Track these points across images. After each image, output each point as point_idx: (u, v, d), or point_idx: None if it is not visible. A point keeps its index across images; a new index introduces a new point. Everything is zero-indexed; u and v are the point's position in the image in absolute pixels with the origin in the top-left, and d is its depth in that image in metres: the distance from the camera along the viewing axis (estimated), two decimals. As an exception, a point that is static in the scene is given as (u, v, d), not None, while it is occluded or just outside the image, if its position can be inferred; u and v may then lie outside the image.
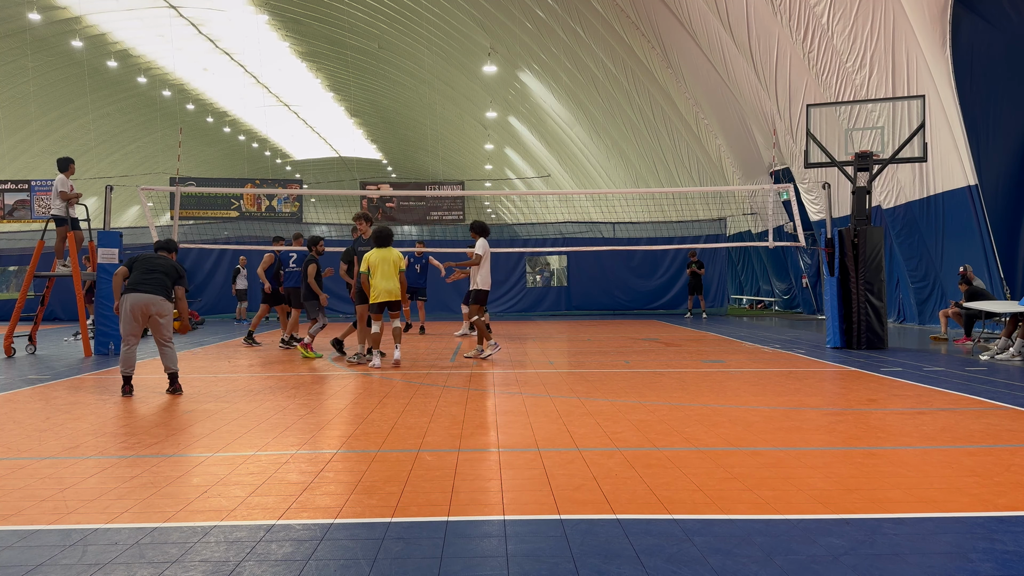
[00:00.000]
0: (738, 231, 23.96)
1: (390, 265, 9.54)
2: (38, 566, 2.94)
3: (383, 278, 9.47)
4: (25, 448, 4.98)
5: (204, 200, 29.20)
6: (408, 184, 33.51)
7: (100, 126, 47.77)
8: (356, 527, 3.37)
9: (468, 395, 7.15)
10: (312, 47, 43.11)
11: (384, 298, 9.50)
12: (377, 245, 9.72)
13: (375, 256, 9.58)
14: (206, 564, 2.95)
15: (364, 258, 9.65)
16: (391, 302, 9.58)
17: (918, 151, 11.53)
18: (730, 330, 15.53)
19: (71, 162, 11.66)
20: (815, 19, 14.97)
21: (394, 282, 9.52)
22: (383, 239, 9.72)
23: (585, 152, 34.67)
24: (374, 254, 9.59)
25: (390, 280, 9.49)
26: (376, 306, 9.58)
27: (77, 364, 10.12)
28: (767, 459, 4.54)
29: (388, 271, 9.51)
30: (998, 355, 9.73)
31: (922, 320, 16.03)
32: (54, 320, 19.92)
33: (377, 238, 9.76)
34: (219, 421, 5.88)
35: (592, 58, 25.67)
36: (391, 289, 9.49)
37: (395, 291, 9.53)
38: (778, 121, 18.10)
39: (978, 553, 3.01)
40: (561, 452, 4.76)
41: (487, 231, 10.64)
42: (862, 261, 11.26)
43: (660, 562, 2.93)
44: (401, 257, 9.69)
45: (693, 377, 8.32)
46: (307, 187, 41.10)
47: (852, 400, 6.73)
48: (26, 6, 31.82)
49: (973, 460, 4.48)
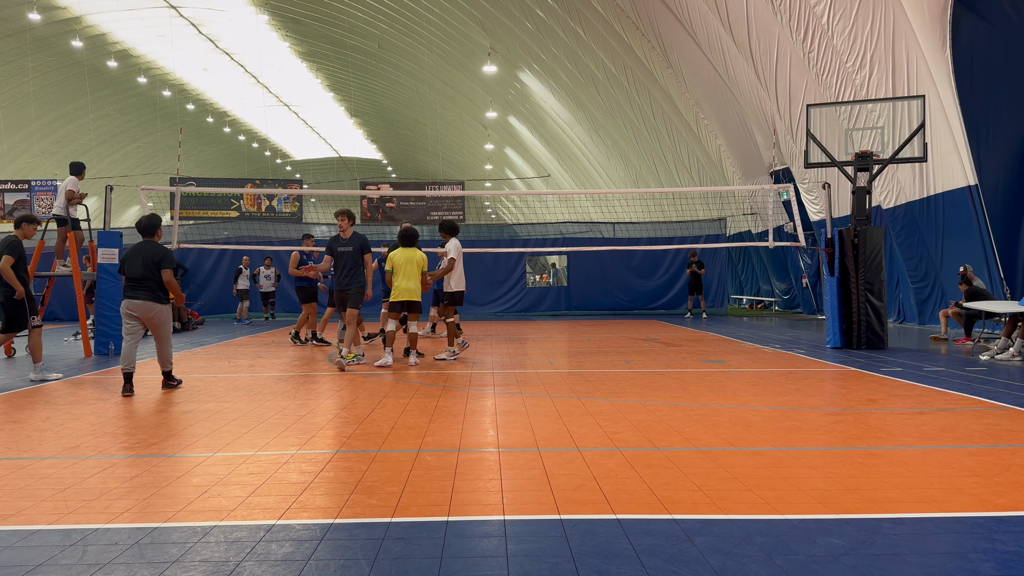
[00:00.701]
0: (738, 231, 23.96)
1: (414, 265, 9.60)
2: (38, 566, 2.94)
3: (405, 278, 9.55)
4: (25, 448, 4.98)
5: (204, 200, 29.19)
6: (408, 184, 33.49)
7: (100, 126, 47.77)
8: (356, 527, 3.37)
9: (468, 395, 7.15)
10: (312, 47, 43.11)
11: (404, 297, 9.56)
12: (402, 245, 9.75)
13: (400, 256, 9.62)
14: (206, 564, 2.95)
15: (388, 257, 9.71)
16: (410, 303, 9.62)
17: (918, 151, 11.53)
18: (730, 330, 15.53)
19: (84, 168, 11.98)
20: (815, 19, 14.98)
21: (415, 282, 9.60)
22: (409, 239, 9.75)
23: (585, 152, 34.67)
24: (399, 254, 9.64)
25: (412, 280, 9.56)
26: (395, 305, 9.62)
27: (77, 364, 10.12)
28: (767, 459, 4.54)
29: (411, 271, 9.58)
30: (998, 355, 9.73)
31: (922, 320, 16.03)
32: (54, 320, 19.93)
33: (403, 238, 9.79)
34: (219, 421, 5.88)
35: (592, 58, 25.67)
36: (412, 289, 9.55)
37: (416, 291, 9.59)
38: (778, 121, 18.10)
39: (978, 553, 3.01)
40: (561, 452, 4.76)
41: (457, 230, 10.61)
42: (862, 261, 11.26)
43: (660, 562, 2.93)
44: (424, 258, 9.71)
45: (693, 377, 8.32)
46: (307, 187, 41.10)
47: (852, 400, 6.73)
48: (26, 6, 31.81)
49: (973, 460, 4.48)
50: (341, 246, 9.59)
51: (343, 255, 9.56)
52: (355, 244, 9.52)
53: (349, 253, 9.52)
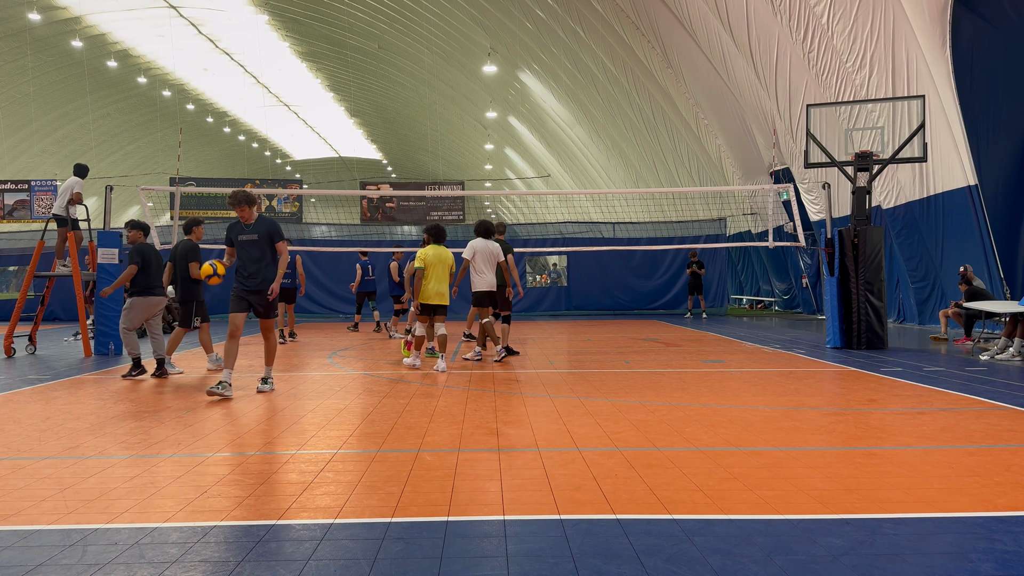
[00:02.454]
0: (738, 231, 23.96)
1: (445, 267, 9.19)
2: (38, 566, 2.94)
3: (436, 280, 9.13)
4: (25, 448, 4.98)
5: (204, 200, 29.23)
6: (408, 184, 33.51)
7: (100, 126, 47.77)
8: (356, 527, 3.37)
9: (468, 395, 7.15)
10: (312, 47, 43.10)
11: (436, 301, 9.18)
12: (434, 241, 9.32)
13: (432, 255, 9.17)
14: (206, 564, 2.95)
15: (419, 256, 9.16)
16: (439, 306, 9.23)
17: (918, 151, 11.53)
18: (730, 330, 15.53)
19: (88, 170, 12.09)
20: (815, 19, 14.97)
21: (445, 285, 9.20)
22: (440, 235, 9.36)
23: (585, 152, 34.67)
24: (431, 252, 9.17)
25: (443, 283, 9.18)
26: (425, 308, 9.23)
27: (77, 364, 10.12)
28: (767, 459, 4.54)
29: (442, 274, 9.17)
30: (998, 355, 9.73)
31: (922, 320, 16.03)
32: (54, 320, 19.92)
33: (436, 234, 9.35)
34: (219, 421, 5.88)
35: (592, 58, 25.67)
36: (443, 292, 9.17)
37: (446, 294, 9.20)
38: (778, 121, 18.10)
39: (978, 553, 3.01)
40: (561, 452, 4.76)
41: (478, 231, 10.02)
42: (862, 261, 11.26)
43: (660, 562, 2.93)
44: (453, 258, 9.33)
45: (693, 377, 8.32)
46: (307, 187, 41.11)
47: (852, 400, 6.73)
48: (26, 6, 31.81)
49: (973, 460, 4.48)
50: (243, 234, 7.49)
51: (245, 245, 7.46)
52: (261, 230, 7.46)
53: (254, 242, 7.43)
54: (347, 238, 23.52)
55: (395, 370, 9.19)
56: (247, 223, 7.48)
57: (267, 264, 7.46)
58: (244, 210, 7.43)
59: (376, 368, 9.44)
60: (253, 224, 7.48)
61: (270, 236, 7.47)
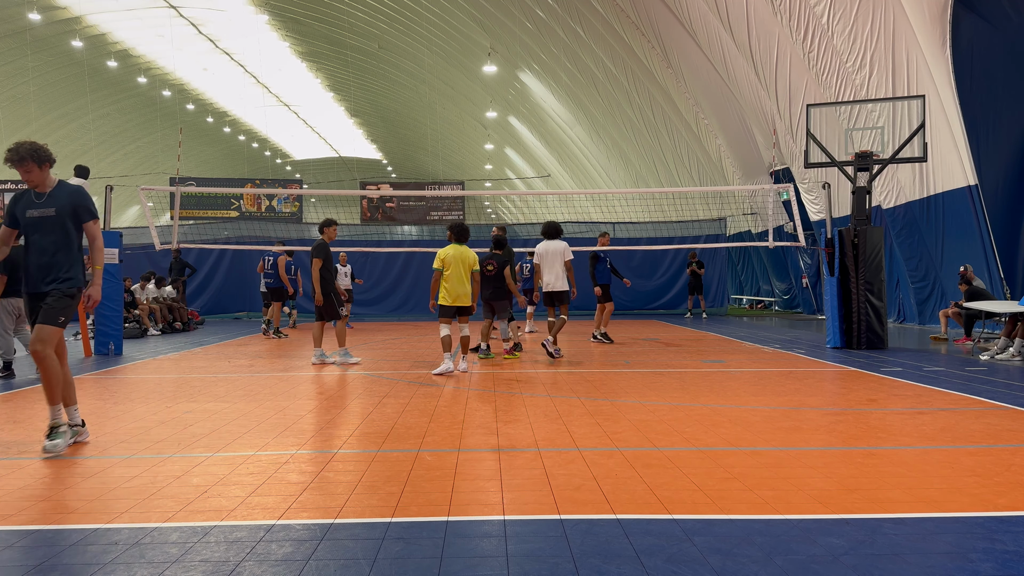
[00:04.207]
0: (738, 231, 23.95)
1: (465, 268, 8.86)
2: (38, 566, 2.94)
3: (457, 282, 8.80)
4: (25, 448, 4.98)
5: (204, 200, 29.22)
6: (408, 184, 33.50)
7: (100, 126, 47.77)
8: (356, 527, 3.37)
9: (468, 395, 7.15)
10: (312, 47, 43.11)
11: (460, 302, 8.86)
12: (456, 240, 9.00)
13: (451, 254, 8.85)
14: (206, 564, 2.95)
15: (438, 255, 8.88)
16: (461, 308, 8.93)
17: (918, 151, 11.53)
18: (730, 330, 15.53)
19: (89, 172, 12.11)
20: (815, 19, 14.98)
21: (467, 286, 8.86)
22: (463, 234, 9.04)
23: (585, 152, 34.67)
24: (450, 251, 8.86)
25: (463, 284, 8.84)
26: (445, 310, 8.91)
27: (77, 364, 10.12)
28: (767, 459, 4.54)
29: (462, 275, 8.83)
30: (998, 355, 9.73)
31: (922, 320, 16.03)
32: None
33: (459, 233, 9.02)
34: (219, 421, 5.88)
35: (592, 58, 25.67)
36: (464, 294, 8.89)
37: (467, 296, 8.88)
38: (778, 121, 18.10)
39: (978, 553, 3.01)
40: (561, 452, 4.76)
41: (545, 232, 10.80)
42: (862, 261, 11.26)
43: (660, 562, 2.93)
44: (476, 258, 9.05)
45: (693, 377, 8.32)
46: (307, 187, 41.09)
47: (852, 400, 6.73)
48: (26, 6, 31.81)
49: (973, 460, 4.48)
50: (33, 208, 5.06)
51: (37, 223, 5.06)
52: (61, 203, 5.06)
53: (51, 218, 5.05)
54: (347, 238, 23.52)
55: (395, 370, 9.19)
56: (40, 191, 5.09)
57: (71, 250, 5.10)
58: (32, 170, 5.02)
59: (376, 368, 9.44)
60: (48, 194, 5.09)
61: (74, 211, 5.09)
